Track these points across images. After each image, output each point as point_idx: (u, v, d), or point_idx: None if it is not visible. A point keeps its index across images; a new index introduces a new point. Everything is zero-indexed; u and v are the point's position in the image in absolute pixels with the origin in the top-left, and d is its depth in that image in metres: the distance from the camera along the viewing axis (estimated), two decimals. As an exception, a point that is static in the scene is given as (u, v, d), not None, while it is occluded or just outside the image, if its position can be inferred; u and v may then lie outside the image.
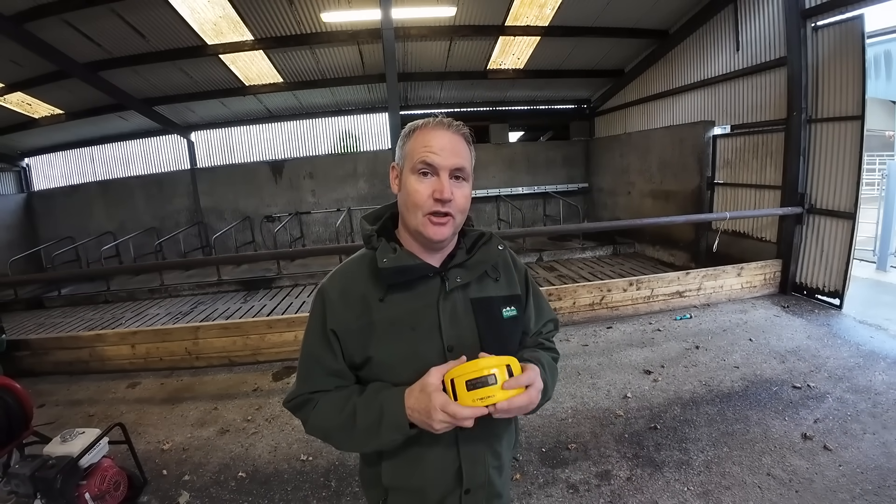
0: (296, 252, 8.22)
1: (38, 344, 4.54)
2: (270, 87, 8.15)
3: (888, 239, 6.16)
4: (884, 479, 2.37)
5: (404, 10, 6.11)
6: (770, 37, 5.40)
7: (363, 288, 0.95)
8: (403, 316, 0.93)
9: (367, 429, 0.89)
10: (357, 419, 0.90)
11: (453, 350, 0.93)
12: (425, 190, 0.89)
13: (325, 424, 0.96)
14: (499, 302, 1.01)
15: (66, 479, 2.13)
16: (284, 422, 3.34)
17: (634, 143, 8.38)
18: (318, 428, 0.98)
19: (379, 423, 0.88)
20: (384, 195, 9.87)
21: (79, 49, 6.08)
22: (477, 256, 0.99)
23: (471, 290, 0.99)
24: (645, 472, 2.57)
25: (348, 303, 0.94)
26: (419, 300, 0.95)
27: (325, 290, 0.97)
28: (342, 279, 0.98)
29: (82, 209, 9.82)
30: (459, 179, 0.92)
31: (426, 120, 0.95)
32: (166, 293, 7.56)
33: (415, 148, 0.92)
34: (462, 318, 0.96)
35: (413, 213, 0.91)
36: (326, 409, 0.95)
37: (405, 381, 0.90)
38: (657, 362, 3.87)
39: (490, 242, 1.01)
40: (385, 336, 0.93)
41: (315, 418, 0.97)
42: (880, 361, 3.63)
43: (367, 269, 0.96)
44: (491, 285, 1.02)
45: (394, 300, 0.94)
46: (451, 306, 0.95)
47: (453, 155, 0.90)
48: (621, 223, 7.39)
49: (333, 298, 0.95)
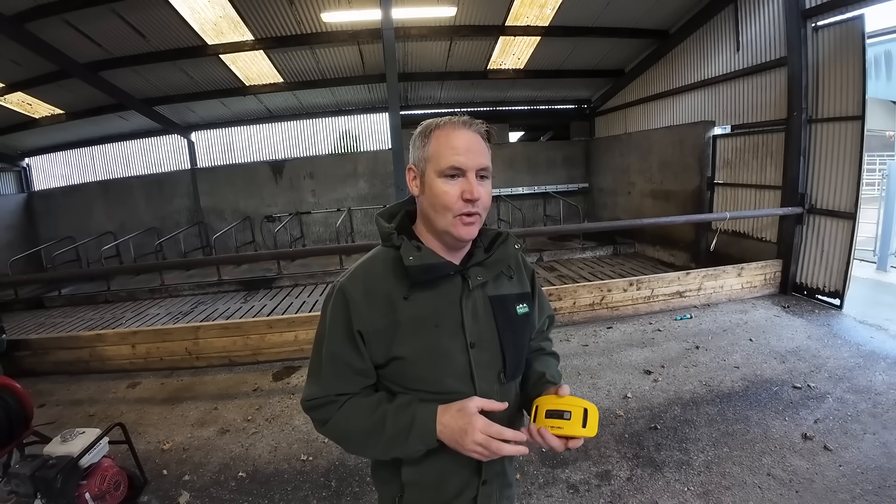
0: (296, 252, 8.21)
1: (38, 344, 4.54)
2: (271, 87, 8.15)
3: (888, 239, 6.16)
4: (884, 480, 2.37)
5: (404, 10, 6.11)
6: (770, 37, 5.40)
7: (387, 286, 0.94)
8: (428, 313, 0.94)
9: (395, 436, 0.91)
10: (386, 425, 0.91)
11: (475, 346, 0.96)
12: (455, 191, 0.91)
13: (350, 427, 0.96)
14: (513, 299, 1.04)
15: (67, 478, 2.13)
16: (284, 422, 3.34)
17: (635, 143, 8.37)
18: (340, 429, 0.97)
19: (408, 432, 0.90)
20: (384, 195, 9.89)
21: (79, 49, 6.08)
22: (496, 255, 1.01)
23: (488, 288, 1.01)
24: (645, 472, 2.57)
25: (373, 302, 0.94)
26: (442, 298, 0.95)
27: (347, 291, 0.94)
28: (364, 279, 0.96)
29: (82, 209, 9.82)
30: (483, 178, 0.94)
31: (444, 120, 0.95)
32: (166, 293, 7.56)
33: (438, 150, 0.92)
34: (482, 315, 0.98)
35: (443, 215, 0.92)
36: (354, 413, 0.95)
37: (431, 378, 0.93)
38: (657, 362, 3.87)
39: (507, 242, 1.03)
40: (410, 334, 0.93)
41: (340, 419, 0.96)
42: (880, 361, 3.63)
43: (389, 267, 0.96)
44: (506, 283, 1.05)
45: (418, 298, 0.94)
46: (472, 304, 0.97)
47: (478, 155, 0.93)
48: (621, 223, 7.39)
49: (357, 299, 0.93)
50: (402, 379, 0.96)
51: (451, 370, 0.95)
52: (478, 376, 0.96)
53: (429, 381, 0.94)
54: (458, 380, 0.95)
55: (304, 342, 4.39)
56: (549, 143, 11.35)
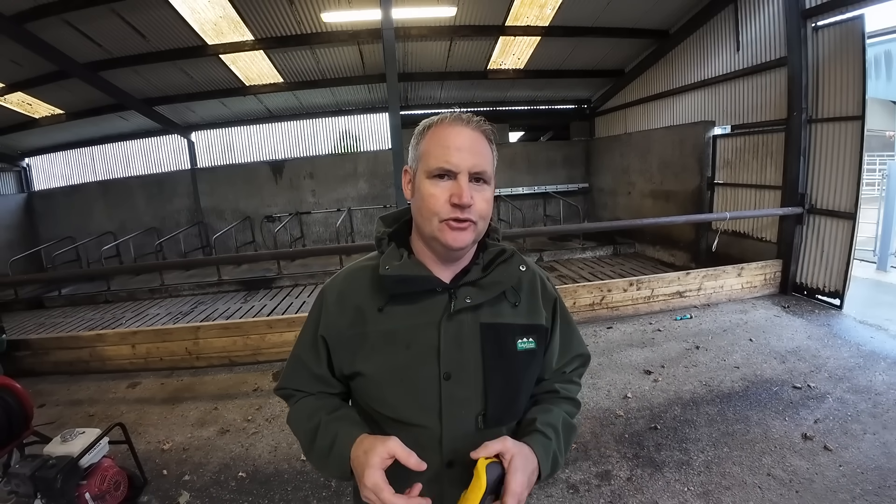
0: (296, 252, 8.21)
1: (38, 344, 4.54)
2: (271, 87, 8.15)
3: (888, 239, 6.16)
4: (884, 480, 2.37)
5: (404, 10, 6.11)
6: (770, 37, 5.40)
7: (362, 294, 0.88)
8: (400, 331, 0.84)
9: (320, 452, 0.84)
10: (316, 437, 0.86)
11: (450, 378, 0.83)
12: (442, 194, 0.79)
13: (295, 427, 0.94)
14: (514, 331, 0.88)
15: (67, 478, 2.13)
16: (284, 422, 3.34)
17: (635, 144, 8.37)
18: (292, 426, 0.95)
19: (328, 452, 0.82)
20: (384, 195, 9.90)
21: (79, 49, 6.08)
22: (493, 275, 0.87)
23: (482, 313, 0.87)
24: (645, 472, 2.57)
25: (343, 309, 0.88)
26: (421, 316, 0.84)
27: (325, 293, 0.93)
28: (343, 282, 0.92)
29: (82, 209, 9.81)
30: (480, 182, 0.81)
31: (442, 115, 0.84)
32: (167, 293, 7.56)
33: (429, 148, 0.81)
34: (467, 343, 0.85)
35: (428, 221, 0.80)
36: (299, 414, 0.93)
37: (393, 403, 0.84)
38: (657, 362, 3.87)
39: (511, 261, 0.90)
40: (376, 350, 0.85)
41: (291, 416, 0.95)
42: (880, 362, 3.63)
43: (369, 274, 0.89)
44: (507, 310, 0.89)
45: (393, 312, 0.85)
46: (455, 328, 0.84)
47: (473, 155, 0.79)
48: (621, 223, 7.39)
49: (330, 302, 0.90)
50: (366, 397, 0.88)
51: (417, 401, 0.83)
52: (448, 413, 0.83)
53: (390, 406, 0.84)
54: (424, 413, 0.83)
55: (304, 342, 4.39)
56: (549, 143, 11.34)
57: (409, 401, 0.83)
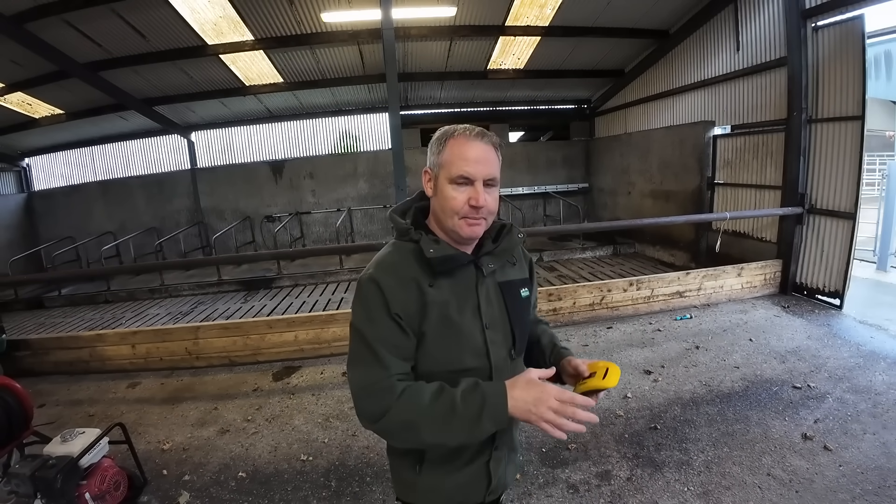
0: (296, 252, 8.22)
1: (38, 344, 4.54)
2: (270, 87, 8.15)
3: (888, 239, 6.16)
4: (884, 480, 2.37)
5: (404, 10, 6.11)
6: (770, 37, 5.40)
7: (414, 272, 1.03)
8: (450, 298, 1.04)
9: (468, 418, 0.94)
10: (457, 409, 0.94)
11: (490, 327, 1.08)
12: (462, 198, 1.01)
13: (413, 414, 0.95)
14: (518, 284, 1.16)
15: (67, 478, 2.13)
16: (284, 422, 3.34)
17: (635, 144, 8.38)
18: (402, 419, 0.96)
19: (480, 413, 0.94)
20: (384, 195, 9.90)
21: (79, 49, 6.08)
22: (503, 245, 1.12)
23: (497, 274, 1.13)
24: (645, 472, 2.57)
25: (405, 287, 1.02)
26: (460, 285, 1.07)
27: (380, 279, 1.01)
28: (393, 268, 1.04)
29: (82, 209, 9.82)
30: (491, 186, 1.04)
31: (459, 129, 1.04)
32: (166, 293, 7.56)
33: (451, 159, 1.02)
34: (494, 299, 1.10)
35: (450, 217, 1.03)
36: (417, 399, 0.96)
37: (448, 356, 1.04)
38: (657, 362, 3.87)
39: (512, 232, 1.15)
40: (436, 317, 1.02)
41: (402, 407, 0.96)
42: (880, 362, 3.63)
43: (412, 258, 1.05)
44: (510, 270, 1.17)
45: (441, 285, 1.04)
46: (485, 289, 1.09)
47: (486, 165, 1.02)
48: (621, 223, 7.39)
49: (391, 285, 1.01)
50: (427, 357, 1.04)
51: (470, 349, 1.05)
52: (493, 354, 1.07)
53: (448, 358, 1.03)
54: (477, 357, 1.06)
55: (303, 342, 4.39)
56: (549, 143, 11.34)
57: (465, 349, 1.05)
